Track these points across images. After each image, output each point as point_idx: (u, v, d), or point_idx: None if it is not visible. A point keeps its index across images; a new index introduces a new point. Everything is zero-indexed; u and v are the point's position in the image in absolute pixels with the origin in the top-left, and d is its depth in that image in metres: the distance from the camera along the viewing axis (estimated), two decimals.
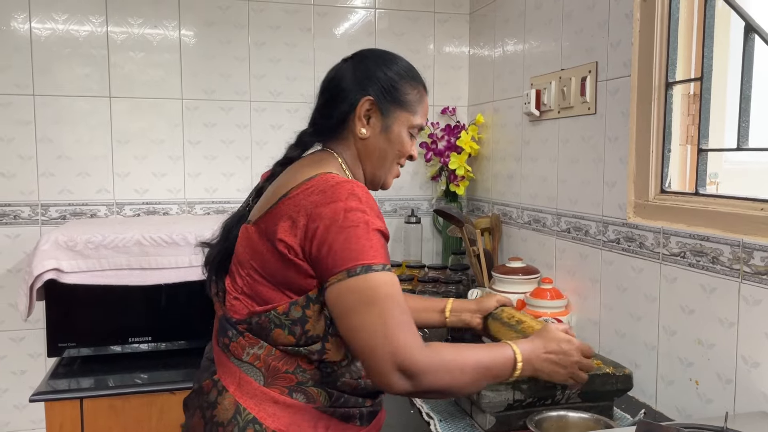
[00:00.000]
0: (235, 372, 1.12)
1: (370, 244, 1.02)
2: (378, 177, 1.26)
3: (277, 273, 1.08)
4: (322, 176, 1.08)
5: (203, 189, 2.41)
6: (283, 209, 1.07)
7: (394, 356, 0.98)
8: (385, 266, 1.03)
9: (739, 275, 1.27)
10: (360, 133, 1.20)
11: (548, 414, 1.28)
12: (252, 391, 1.10)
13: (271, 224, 1.08)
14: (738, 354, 1.28)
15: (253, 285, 1.11)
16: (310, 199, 1.05)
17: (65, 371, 1.84)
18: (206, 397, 1.13)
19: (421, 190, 2.67)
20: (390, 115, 1.20)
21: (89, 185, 2.30)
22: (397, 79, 1.20)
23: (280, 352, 1.10)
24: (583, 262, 1.81)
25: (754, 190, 1.36)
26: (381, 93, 1.19)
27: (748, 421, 1.12)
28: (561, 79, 1.90)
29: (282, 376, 1.09)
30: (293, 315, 1.07)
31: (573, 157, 1.87)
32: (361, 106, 1.18)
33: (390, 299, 1.01)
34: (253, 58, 2.42)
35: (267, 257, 1.08)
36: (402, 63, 1.25)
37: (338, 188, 1.05)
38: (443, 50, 2.64)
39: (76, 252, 1.78)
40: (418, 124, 1.24)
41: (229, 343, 1.13)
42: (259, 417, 1.08)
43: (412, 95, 1.22)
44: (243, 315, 1.11)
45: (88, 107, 2.28)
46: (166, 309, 1.88)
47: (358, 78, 1.20)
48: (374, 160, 1.23)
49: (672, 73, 1.50)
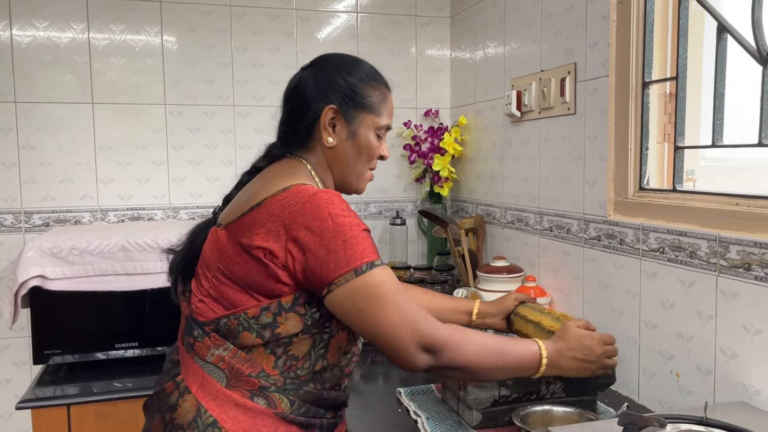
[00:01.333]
0: (198, 372, 1.11)
1: (366, 243, 1.06)
2: (349, 183, 1.27)
3: (246, 276, 1.08)
4: (297, 188, 1.09)
5: (188, 194, 2.41)
6: (257, 217, 1.08)
7: (416, 337, 1.05)
8: (382, 262, 1.09)
9: (716, 269, 1.30)
10: (327, 142, 1.20)
11: (533, 409, 1.30)
12: (215, 392, 1.09)
13: (243, 231, 1.08)
14: (717, 346, 1.31)
15: (218, 287, 1.11)
16: (288, 210, 1.06)
17: (51, 378, 1.84)
18: (167, 399, 1.12)
19: (406, 192, 2.69)
20: (354, 120, 1.21)
21: (73, 192, 2.29)
22: (357, 83, 1.21)
23: (245, 354, 1.09)
24: (565, 260, 1.84)
25: (730, 186, 1.39)
26: (343, 99, 1.19)
27: (728, 411, 1.14)
28: (541, 80, 1.93)
29: (245, 379, 1.09)
30: (263, 320, 1.08)
31: (554, 156, 1.90)
32: (325, 115, 1.19)
33: (398, 290, 1.07)
34: (236, 63, 2.42)
35: (236, 260, 1.09)
36: (362, 66, 1.25)
37: (315, 198, 1.06)
38: (425, 53, 2.67)
39: (60, 258, 1.78)
40: (384, 124, 1.25)
41: (194, 343, 1.12)
42: (219, 420, 1.07)
43: (375, 97, 1.23)
44: (209, 318, 1.11)
45: (70, 114, 2.27)
46: (152, 314, 1.88)
47: (320, 86, 1.20)
48: (344, 166, 1.24)
49: (648, 73, 1.54)
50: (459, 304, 1.57)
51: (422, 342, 1.06)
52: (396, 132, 2.64)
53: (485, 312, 1.55)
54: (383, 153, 1.28)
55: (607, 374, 1.32)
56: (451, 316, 1.54)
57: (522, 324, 1.50)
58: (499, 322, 1.56)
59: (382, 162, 1.21)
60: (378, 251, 1.09)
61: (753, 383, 1.23)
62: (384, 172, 2.64)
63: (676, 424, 1.06)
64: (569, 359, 1.23)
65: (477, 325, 1.56)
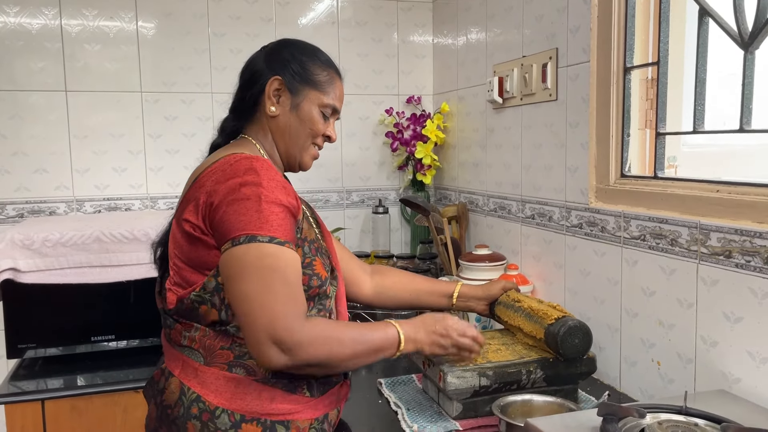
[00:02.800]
0: (178, 357, 1.15)
1: (258, 216, 1.05)
2: (293, 156, 1.29)
3: (191, 255, 1.12)
4: (226, 157, 1.13)
5: (166, 183, 2.37)
6: (191, 193, 1.13)
7: (269, 327, 1.01)
8: (272, 238, 1.04)
9: (697, 256, 1.29)
10: (269, 111, 1.25)
11: (514, 399, 1.29)
12: (194, 371, 1.12)
13: (181, 210, 1.14)
14: (697, 334, 1.30)
15: (178, 272, 1.14)
16: (211, 179, 1.10)
17: (26, 372, 1.80)
18: (156, 385, 1.17)
19: (389, 180, 2.67)
20: (299, 93, 1.25)
21: (47, 182, 2.25)
22: (307, 60, 1.26)
23: (213, 332, 1.12)
24: (547, 248, 1.83)
25: (711, 173, 1.38)
26: (290, 73, 1.24)
27: (707, 400, 1.13)
28: (523, 66, 1.90)
29: (219, 353, 1.11)
30: (209, 287, 1.10)
31: (536, 143, 1.88)
32: (270, 84, 1.23)
33: (273, 271, 1.03)
34: (214, 50, 2.38)
35: (181, 242, 1.13)
36: (317, 50, 1.31)
37: (237, 165, 1.10)
38: (407, 39, 2.63)
39: (33, 251, 1.73)
40: (329, 103, 1.27)
41: (170, 332, 1.17)
42: (202, 394, 1.10)
43: (322, 76, 1.27)
44: (174, 303, 1.14)
45: (43, 102, 2.22)
46: (129, 306, 1.84)
47: (270, 61, 1.26)
48: (286, 138, 1.27)
49: (630, 58, 1.51)
50: (438, 286, 1.54)
51: (274, 335, 1.00)
52: (378, 119, 2.61)
53: (468, 295, 1.53)
54: (329, 133, 1.30)
55: (462, 363, 1.29)
56: (429, 298, 1.53)
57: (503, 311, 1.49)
58: (482, 306, 1.54)
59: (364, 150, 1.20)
60: (281, 227, 1.06)
61: (733, 371, 1.22)
62: (366, 160, 2.61)
63: (656, 413, 1.05)
64: (424, 333, 1.20)
65: (458, 307, 1.54)
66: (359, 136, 2.59)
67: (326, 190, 2.57)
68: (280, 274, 1.03)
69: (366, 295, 1.52)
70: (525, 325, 1.40)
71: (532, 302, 1.43)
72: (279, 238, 1.05)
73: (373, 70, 2.60)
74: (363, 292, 1.52)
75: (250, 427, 1.09)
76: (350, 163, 2.60)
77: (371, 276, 1.54)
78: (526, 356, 1.36)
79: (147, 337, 1.87)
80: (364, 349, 1.11)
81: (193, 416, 1.09)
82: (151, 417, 1.18)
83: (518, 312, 1.43)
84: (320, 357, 1.05)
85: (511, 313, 1.46)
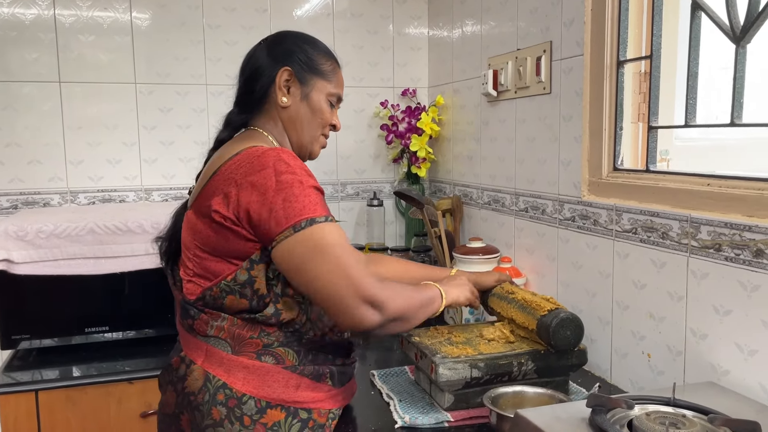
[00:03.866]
0: (201, 347, 1.15)
1: (308, 200, 1.07)
2: (304, 146, 1.32)
3: (218, 245, 1.12)
4: (248, 150, 1.13)
5: (160, 175, 2.37)
6: (214, 185, 1.12)
7: (358, 291, 1.04)
8: (327, 217, 1.08)
9: (688, 250, 1.30)
10: (281, 102, 1.26)
11: (504, 390, 1.30)
12: (220, 360, 1.13)
13: (204, 201, 1.13)
14: (687, 327, 1.31)
15: (200, 263, 1.14)
16: (239, 171, 1.10)
17: (20, 363, 1.80)
18: (176, 372, 1.18)
19: (383, 173, 2.67)
20: (308, 83, 1.27)
21: (41, 173, 2.24)
22: (312, 51, 1.29)
23: (242, 321, 1.13)
24: (540, 241, 1.83)
25: (703, 166, 1.39)
26: (298, 64, 1.26)
27: (696, 391, 1.14)
28: (517, 59, 1.90)
29: (248, 342, 1.14)
30: (240, 279, 1.11)
31: (530, 136, 1.88)
32: (280, 76, 1.25)
33: (339, 245, 1.06)
34: (209, 41, 2.37)
35: (206, 233, 1.13)
36: (317, 41, 1.33)
37: (264, 157, 1.10)
38: (403, 31, 2.63)
39: (26, 242, 1.73)
40: (335, 92, 1.31)
41: (193, 323, 1.17)
42: (229, 382, 1.12)
43: (327, 65, 1.30)
44: (198, 294, 1.14)
45: (37, 93, 2.21)
46: (123, 298, 1.85)
47: (276, 53, 1.27)
48: (298, 128, 1.29)
49: (623, 52, 1.52)
50: (432, 273, 1.55)
51: (365, 296, 1.04)
52: (373, 112, 2.61)
53: None
54: (335, 122, 1.34)
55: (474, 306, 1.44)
56: None
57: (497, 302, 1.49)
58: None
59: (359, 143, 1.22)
60: (325, 207, 1.10)
61: (722, 363, 1.23)
62: (361, 152, 2.61)
63: (645, 405, 1.06)
64: (453, 287, 1.35)
65: None
66: (354, 128, 2.59)
67: (321, 182, 2.53)
68: (346, 246, 1.08)
69: None
70: (518, 316, 1.41)
71: (525, 294, 1.44)
72: (330, 216, 1.09)
73: (368, 63, 2.59)
74: None
75: (275, 412, 1.12)
76: (345, 156, 2.60)
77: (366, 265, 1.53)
78: (517, 348, 1.36)
79: (141, 329, 1.88)
80: (424, 299, 1.22)
81: (219, 402, 1.11)
82: (168, 403, 1.19)
83: (512, 303, 1.44)
84: (402, 309, 1.11)
85: (504, 304, 1.46)
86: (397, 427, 1.28)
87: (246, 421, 1.11)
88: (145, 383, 1.73)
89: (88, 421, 1.70)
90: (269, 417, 1.12)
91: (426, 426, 1.28)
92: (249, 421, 1.11)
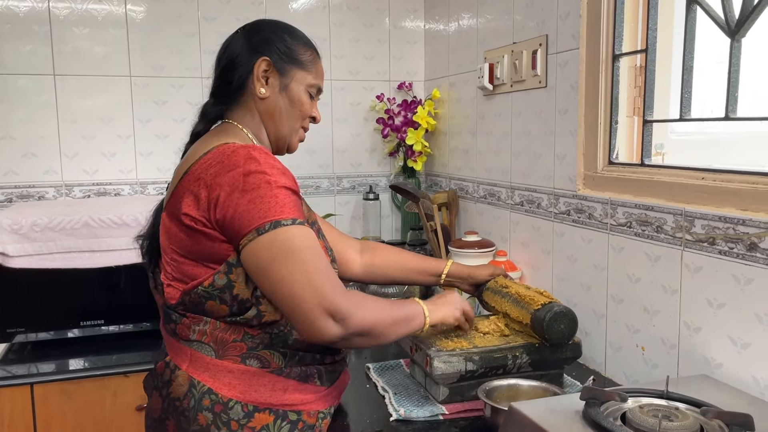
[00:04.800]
0: (186, 352, 1.13)
1: (275, 201, 1.04)
2: (282, 138, 1.27)
3: (192, 248, 1.09)
4: (220, 147, 1.09)
5: (155, 168, 2.36)
6: (184, 186, 1.09)
7: (321, 301, 1.01)
8: (294, 220, 1.04)
9: (682, 243, 1.30)
10: (259, 93, 1.21)
11: (499, 383, 1.30)
12: (205, 365, 1.11)
13: (176, 203, 1.10)
14: (681, 320, 1.32)
15: (178, 267, 1.11)
16: (209, 171, 1.07)
17: (16, 357, 1.80)
18: (160, 377, 1.15)
19: (379, 167, 2.67)
20: (287, 74, 1.22)
21: (36, 166, 2.23)
22: (291, 40, 1.23)
23: (225, 324, 1.11)
24: (535, 234, 1.84)
25: (698, 160, 1.39)
26: (277, 53, 1.21)
27: (689, 384, 1.15)
28: (513, 52, 1.90)
29: (231, 345, 1.11)
30: (218, 284, 1.08)
31: (525, 130, 1.88)
32: (258, 66, 1.20)
33: (305, 249, 1.03)
34: (204, 33, 2.36)
35: (180, 237, 1.09)
36: (295, 29, 1.28)
37: (235, 155, 1.06)
38: (399, 24, 2.62)
39: (21, 235, 1.73)
40: (315, 83, 1.26)
41: (176, 327, 1.14)
42: (214, 388, 1.09)
43: (306, 56, 1.25)
44: (177, 298, 1.12)
45: (32, 85, 2.20)
46: (118, 291, 1.84)
47: (253, 43, 1.21)
48: (276, 120, 1.24)
49: (619, 45, 1.52)
50: (428, 264, 1.54)
51: (327, 306, 1.01)
52: (369, 105, 2.60)
53: (456, 276, 1.53)
54: (314, 114, 1.29)
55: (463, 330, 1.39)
56: (418, 277, 1.53)
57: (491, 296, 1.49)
58: (467, 286, 1.55)
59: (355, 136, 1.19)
60: (296, 208, 1.06)
61: (715, 356, 1.24)
62: (357, 146, 2.61)
63: (638, 397, 1.07)
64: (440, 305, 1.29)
65: (446, 286, 1.55)
66: (350, 122, 2.59)
67: (317, 176, 2.56)
68: (313, 252, 1.04)
69: (355, 272, 1.52)
70: (512, 310, 1.41)
71: (519, 288, 1.44)
72: (299, 218, 1.05)
73: (364, 56, 2.59)
74: (352, 269, 1.51)
75: (263, 416, 1.10)
76: (341, 150, 2.59)
77: (361, 254, 1.52)
78: (512, 341, 1.37)
79: (137, 322, 1.88)
80: (400, 316, 1.16)
81: (205, 408, 1.08)
82: (154, 408, 1.16)
83: (506, 297, 1.44)
84: (368, 323, 1.07)
85: (498, 298, 1.47)
86: (391, 420, 1.29)
87: (233, 426, 1.08)
88: (141, 376, 1.69)
89: (84, 414, 1.70)
90: (257, 421, 1.09)
91: (421, 419, 1.28)
92: (236, 425, 1.08)
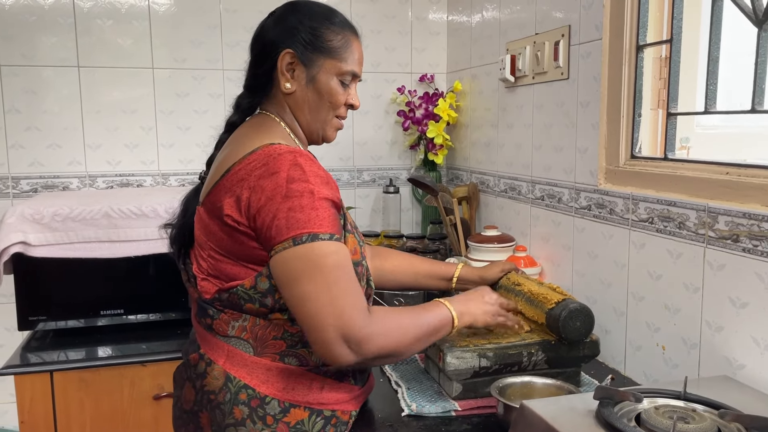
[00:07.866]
0: (222, 347, 1.11)
1: (315, 213, 1.01)
2: (314, 130, 1.23)
3: (233, 249, 1.07)
4: (265, 148, 1.06)
5: (177, 160, 2.38)
6: (226, 184, 1.06)
7: (338, 326, 0.99)
8: (332, 236, 1.02)
9: (704, 240, 1.26)
10: (285, 88, 1.17)
11: (513, 380, 1.28)
12: (242, 361, 1.10)
13: (216, 201, 1.07)
14: (702, 319, 1.28)
15: (216, 265, 1.10)
16: (253, 174, 1.04)
17: (38, 344, 1.83)
18: (194, 369, 1.14)
19: (400, 160, 2.65)
20: (314, 65, 1.16)
21: (60, 157, 2.27)
22: (318, 26, 1.16)
23: (264, 321, 1.09)
24: (556, 229, 1.80)
25: (724, 155, 1.34)
26: (301, 44, 1.15)
27: (709, 385, 1.12)
28: (535, 43, 1.86)
29: (271, 343, 1.10)
30: (261, 287, 1.06)
31: (547, 123, 1.84)
32: (282, 59, 1.15)
33: (335, 269, 1.00)
34: (225, 26, 2.36)
35: (220, 236, 1.08)
36: (328, 12, 1.20)
37: (280, 159, 1.03)
38: (421, 16, 2.59)
39: (43, 225, 1.76)
40: (348, 70, 1.19)
41: (212, 323, 1.12)
42: (251, 384, 1.09)
43: (336, 41, 1.17)
44: (213, 293, 1.10)
45: (56, 77, 2.23)
46: (138, 281, 1.86)
47: (279, 31, 1.16)
48: (306, 113, 1.20)
49: (643, 36, 1.47)
50: (438, 268, 1.51)
51: (346, 333, 0.99)
52: (390, 98, 2.58)
53: (467, 278, 1.49)
54: (352, 101, 1.23)
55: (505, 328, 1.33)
56: (428, 281, 1.51)
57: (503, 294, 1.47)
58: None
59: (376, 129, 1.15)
60: (335, 224, 1.04)
61: (737, 357, 1.20)
62: (377, 139, 2.59)
63: (654, 398, 1.04)
64: (474, 304, 1.24)
65: (457, 290, 1.52)
66: (371, 114, 2.57)
67: (337, 168, 2.56)
68: (344, 272, 1.01)
69: None
70: (526, 309, 1.39)
71: (531, 285, 1.42)
72: (337, 234, 1.03)
73: (385, 48, 2.57)
74: None
75: (298, 411, 1.10)
76: (362, 142, 2.58)
77: (371, 260, 1.50)
78: (527, 338, 1.34)
79: (158, 312, 1.89)
80: (424, 332, 1.12)
81: (241, 402, 1.08)
82: (187, 399, 1.15)
83: (519, 296, 1.41)
84: (388, 348, 1.04)
85: (511, 297, 1.44)
86: (403, 416, 1.28)
87: (269, 420, 1.08)
88: (158, 366, 1.74)
89: (102, 402, 1.73)
90: (292, 416, 1.09)
91: (433, 414, 1.27)
92: (272, 420, 1.08)
